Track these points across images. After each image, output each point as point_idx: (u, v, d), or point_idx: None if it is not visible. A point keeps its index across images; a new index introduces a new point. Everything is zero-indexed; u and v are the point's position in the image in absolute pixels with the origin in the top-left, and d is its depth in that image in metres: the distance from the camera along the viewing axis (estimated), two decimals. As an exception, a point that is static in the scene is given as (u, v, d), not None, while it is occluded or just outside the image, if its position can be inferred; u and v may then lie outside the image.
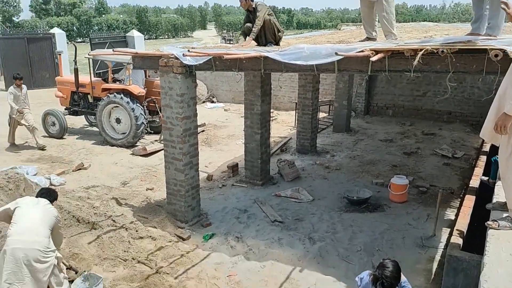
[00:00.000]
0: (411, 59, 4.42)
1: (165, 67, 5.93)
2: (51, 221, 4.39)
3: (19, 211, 4.28)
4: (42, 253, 4.12)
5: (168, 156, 6.33)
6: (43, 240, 4.19)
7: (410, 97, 13.24)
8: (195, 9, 76.48)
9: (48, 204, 4.52)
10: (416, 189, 7.74)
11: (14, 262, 4.00)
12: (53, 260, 4.25)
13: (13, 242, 4.07)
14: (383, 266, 3.57)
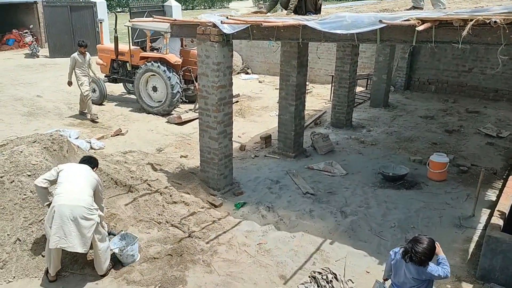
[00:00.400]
0: (459, 29, 4.18)
1: (203, 35, 5.89)
2: (93, 183, 4.61)
3: (63, 173, 4.54)
4: (86, 210, 4.35)
5: (203, 124, 6.38)
6: (87, 198, 4.42)
7: (455, 72, 12.61)
8: (233, -21, 75.10)
9: (90, 169, 4.77)
10: (456, 168, 7.47)
11: (61, 218, 4.24)
12: (96, 218, 4.46)
13: (60, 199, 4.32)
14: (416, 240, 3.49)
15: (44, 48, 18.92)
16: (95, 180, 4.67)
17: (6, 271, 4.70)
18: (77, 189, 4.43)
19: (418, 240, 3.49)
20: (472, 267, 4.79)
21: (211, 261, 4.96)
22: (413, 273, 3.53)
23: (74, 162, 6.44)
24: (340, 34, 4.80)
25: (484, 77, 12.13)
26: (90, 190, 4.54)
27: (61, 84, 13.51)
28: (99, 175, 5.32)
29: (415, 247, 3.43)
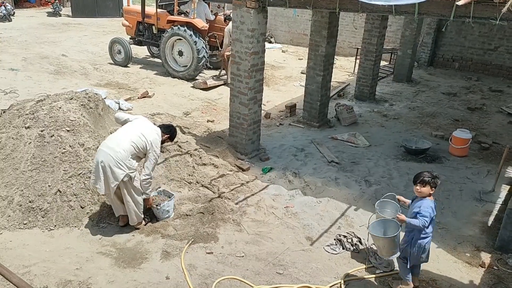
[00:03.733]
0: (499, 6, 4.19)
1: (239, 0, 5.94)
2: (141, 144, 4.60)
3: (128, 123, 4.86)
4: (114, 161, 4.47)
5: (234, 89, 6.52)
6: (120, 151, 4.50)
7: (480, 50, 12.46)
8: None
9: (154, 132, 4.72)
10: (478, 145, 7.57)
11: (96, 162, 4.56)
12: (123, 174, 4.53)
13: (102, 143, 4.70)
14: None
15: (67, 8, 18.94)
16: (145, 143, 4.60)
17: (47, 219, 5.00)
18: (118, 140, 4.56)
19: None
20: (491, 238, 4.99)
21: (241, 220, 5.22)
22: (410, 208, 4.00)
23: (108, 120, 6.73)
24: (379, 5, 4.85)
25: (509, 57, 11.98)
26: (130, 147, 4.55)
27: (85, 44, 13.69)
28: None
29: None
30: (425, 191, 3.88)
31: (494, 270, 4.48)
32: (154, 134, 4.70)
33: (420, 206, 3.87)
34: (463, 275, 4.41)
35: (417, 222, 3.80)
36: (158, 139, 4.73)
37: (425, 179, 3.88)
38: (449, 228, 5.21)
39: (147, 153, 4.68)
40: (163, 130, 4.90)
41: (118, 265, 4.38)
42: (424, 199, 3.90)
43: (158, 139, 4.73)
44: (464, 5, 4.34)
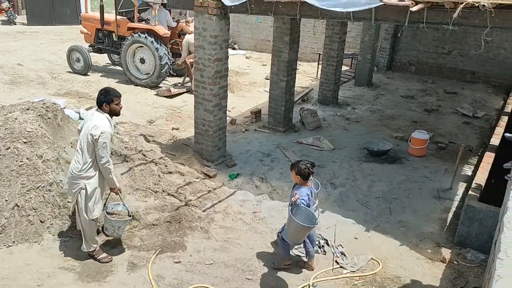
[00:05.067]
0: (450, 11, 4.42)
1: (201, 7, 5.95)
2: (85, 139, 4.09)
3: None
4: (71, 176, 4.27)
5: (198, 97, 6.50)
6: (73, 164, 4.28)
7: (434, 54, 13.04)
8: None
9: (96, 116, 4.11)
10: (435, 145, 7.90)
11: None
12: (79, 185, 4.23)
13: None
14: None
15: (22, 15, 18.25)
16: (89, 135, 4.03)
17: (5, 235, 4.78)
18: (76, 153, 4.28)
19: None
20: (450, 234, 5.22)
21: (209, 228, 5.19)
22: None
23: (68, 131, 6.52)
24: (338, 12, 4.99)
25: (462, 60, 12.60)
26: (80, 154, 4.14)
27: (41, 52, 13.22)
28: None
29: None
30: (293, 177, 4.28)
31: (454, 265, 4.68)
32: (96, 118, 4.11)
33: (296, 192, 4.18)
34: (425, 271, 4.58)
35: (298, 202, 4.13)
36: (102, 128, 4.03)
37: (291, 165, 4.30)
38: (410, 226, 5.40)
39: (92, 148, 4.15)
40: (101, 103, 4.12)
41: (82, 279, 4.24)
42: (301, 187, 4.22)
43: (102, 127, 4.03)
44: (417, 11, 4.55)
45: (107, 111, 4.15)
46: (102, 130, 4.02)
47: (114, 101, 4.15)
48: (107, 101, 4.12)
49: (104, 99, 4.11)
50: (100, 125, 4.04)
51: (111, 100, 4.13)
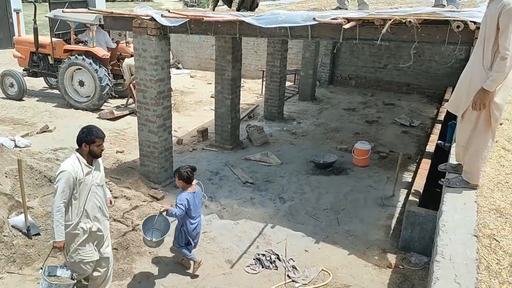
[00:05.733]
0: (380, 28, 4.69)
1: (139, 28, 5.87)
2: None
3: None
4: None
5: (142, 118, 6.35)
6: None
7: (372, 68, 13.72)
8: (155, -29, 73.00)
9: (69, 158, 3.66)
10: (377, 155, 8.24)
11: None
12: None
13: None
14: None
15: None
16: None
17: None
18: None
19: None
20: (395, 240, 5.41)
21: (158, 252, 5.02)
22: None
23: (2, 160, 6.09)
24: (275, 29, 5.13)
25: (397, 73, 13.36)
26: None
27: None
28: (33, 171, 5.03)
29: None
30: (177, 182, 4.60)
31: (400, 269, 4.84)
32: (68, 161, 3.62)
33: (177, 197, 4.46)
34: (373, 277, 4.70)
35: (175, 210, 4.36)
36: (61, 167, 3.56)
37: (175, 171, 4.61)
38: (358, 235, 5.55)
39: None
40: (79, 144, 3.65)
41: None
42: (183, 192, 4.50)
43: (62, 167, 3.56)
44: (350, 28, 4.78)
45: (86, 152, 3.62)
46: (61, 169, 3.52)
47: (96, 142, 3.61)
48: (88, 141, 3.58)
49: (85, 138, 3.59)
50: (63, 164, 3.60)
51: (92, 141, 3.59)
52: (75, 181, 3.52)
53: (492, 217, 3.27)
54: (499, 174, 4.04)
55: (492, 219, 3.24)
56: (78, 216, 3.65)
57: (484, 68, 3.32)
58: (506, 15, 3.06)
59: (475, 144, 3.61)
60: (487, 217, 3.27)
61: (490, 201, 3.52)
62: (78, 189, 3.58)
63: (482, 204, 3.46)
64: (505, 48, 3.08)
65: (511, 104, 5.72)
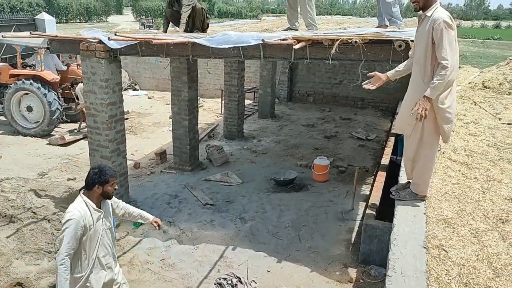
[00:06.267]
0: (329, 48, 4.81)
1: (87, 51, 5.72)
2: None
3: None
4: None
5: (93, 143, 6.14)
6: None
7: (328, 84, 14.08)
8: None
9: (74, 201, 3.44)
10: (336, 169, 8.37)
11: None
12: None
13: None
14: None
15: None
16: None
17: None
18: None
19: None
20: (355, 254, 5.46)
21: (113, 283, 4.80)
22: None
23: None
24: (228, 51, 5.15)
25: (352, 88, 13.78)
26: None
27: None
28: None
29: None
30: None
31: (361, 283, 4.87)
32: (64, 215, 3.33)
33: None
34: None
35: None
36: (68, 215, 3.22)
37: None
38: (319, 251, 5.55)
39: None
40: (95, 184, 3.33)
41: None
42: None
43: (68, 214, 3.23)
44: (300, 48, 4.87)
45: (97, 194, 3.35)
46: (68, 216, 3.19)
47: (110, 182, 3.36)
48: (102, 182, 3.31)
49: (98, 179, 3.30)
50: (70, 210, 3.26)
51: (106, 181, 3.32)
52: (83, 229, 3.20)
53: (441, 228, 3.36)
54: (446, 184, 4.19)
55: (441, 230, 3.33)
56: (89, 267, 3.31)
57: (425, 84, 3.46)
58: (438, 29, 3.25)
59: (422, 158, 3.72)
60: (435, 227, 3.36)
61: (438, 212, 3.63)
62: (88, 237, 3.25)
63: (430, 215, 3.56)
64: (443, 59, 3.24)
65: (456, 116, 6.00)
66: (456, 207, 3.75)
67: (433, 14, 3.33)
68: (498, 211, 3.71)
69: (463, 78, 10.16)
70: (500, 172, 4.58)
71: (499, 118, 6.61)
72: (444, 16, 3.25)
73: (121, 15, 69.35)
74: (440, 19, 3.24)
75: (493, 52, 30.37)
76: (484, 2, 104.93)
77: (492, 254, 3.04)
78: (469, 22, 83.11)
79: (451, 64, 3.24)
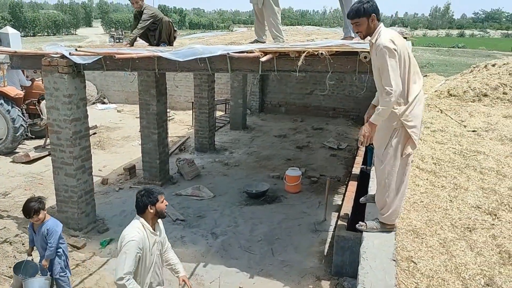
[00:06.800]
0: (295, 60, 4.81)
1: (49, 66, 5.53)
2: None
3: None
4: None
5: (57, 161, 5.91)
6: None
7: (299, 95, 14.18)
8: (78, 5, 71.35)
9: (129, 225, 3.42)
10: (308, 180, 8.37)
11: None
12: None
13: None
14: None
15: None
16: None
17: None
18: None
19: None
20: (328, 266, 5.42)
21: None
22: None
23: None
24: (195, 63, 5.07)
25: (323, 98, 13.93)
26: None
27: None
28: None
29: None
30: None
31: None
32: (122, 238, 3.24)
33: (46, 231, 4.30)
34: (308, 308, 4.63)
35: (51, 250, 4.26)
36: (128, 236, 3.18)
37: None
38: (292, 264, 5.49)
39: None
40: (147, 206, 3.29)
41: None
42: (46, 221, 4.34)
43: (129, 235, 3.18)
44: (267, 60, 4.85)
45: (152, 215, 3.30)
46: (129, 237, 3.14)
47: (160, 200, 3.33)
48: (153, 202, 3.28)
49: (149, 200, 3.28)
50: (129, 231, 3.21)
51: (156, 199, 3.30)
52: (142, 252, 3.16)
53: (410, 239, 3.36)
54: (415, 194, 4.23)
55: (410, 241, 3.33)
56: None
57: None
58: (379, 56, 3.20)
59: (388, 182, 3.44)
60: (405, 239, 3.36)
61: (407, 222, 3.64)
62: (143, 261, 3.20)
63: (400, 226, 3.56)
64: (387, 85, 3.19)
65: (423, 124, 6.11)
66: (425, 216, 3.77)
67: (376, 39, 3.26)
68: (465, 220, 3.76)
69: (429, 86, 10.41)
70: (466, 180, 4.66)
71: (465, 126, 6.77)
72: (384, 41, 3.17)
73: (91, 28, 68.40)
74: (381, 45, 3.17)
75: (458, 60, 31.50)
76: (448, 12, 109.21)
77: (460, 264, 3.05)
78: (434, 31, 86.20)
79: (394, 89, 3.16)
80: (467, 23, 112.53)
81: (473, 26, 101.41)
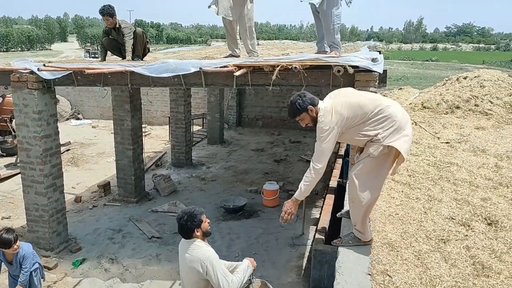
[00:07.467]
0: (270, 74, 4.83)
1: (18, 82, 5.38)
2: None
3: None
4: None
5: (27, 179, 5.71)
6: None
7: (276, 108, 14.26)
8: (53, 20, 70.42)
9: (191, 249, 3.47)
10: (286, 193, 8.35)
11: None
12: None
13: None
14: None
15: None
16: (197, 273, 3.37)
17: None
18: None
19: None
20: (306, 280, 5.38)
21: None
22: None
23: None
24: (168, 79, 5.03)
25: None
26: None
27: None
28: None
29: None
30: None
31: (313, 311, 4.76)
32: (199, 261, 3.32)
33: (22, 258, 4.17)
34: (287, 325, 4.56)
35: (26, 275, 4.14)
36: (205, 253, 3.33)
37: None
38: (271, 280, 5.36)
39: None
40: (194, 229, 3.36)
41: None
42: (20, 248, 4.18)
43: (205, 253, 3.33)
44: (241, 75, 4.85)
45: (200, 236, 3.37)
46: (208, 254, 3.30)
47: (204, 220, 3.39)
48: (197, 224, 3.33)
49: (193, 224, 3.32)
50: (202, 250, 3.32)
51: (200, 220, 3.35)
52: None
53: (385, 252, 3.36)
54: (390, 206, 4.25)
55: (385, 254, 3.32)
56: None
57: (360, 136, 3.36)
58: (319, 131, 3.30)
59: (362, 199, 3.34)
60: (380, 252, 3.35)
61: (383, 235, 3.64)
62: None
63: (375, 239, 3.56)
64: (318, 162, 3.31)
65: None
66: (400, 229, 3.79)
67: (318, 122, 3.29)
68: (440, 231, 3.79)
69: (404, 99, 10.64)
70: (440, 191, 4.73)
71: (438, 137, 6.91)
72: (324, 125, 3.22)
73: (66, 43, 67.55)
74: (321, 127, 3.25)
75: (432, 73, 32.45)
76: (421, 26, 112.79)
77: (435, 276, 3.06)
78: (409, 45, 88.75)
79: (322, 169, 3.28)
80: (440, 37, 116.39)
81: (446, 40, 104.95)
